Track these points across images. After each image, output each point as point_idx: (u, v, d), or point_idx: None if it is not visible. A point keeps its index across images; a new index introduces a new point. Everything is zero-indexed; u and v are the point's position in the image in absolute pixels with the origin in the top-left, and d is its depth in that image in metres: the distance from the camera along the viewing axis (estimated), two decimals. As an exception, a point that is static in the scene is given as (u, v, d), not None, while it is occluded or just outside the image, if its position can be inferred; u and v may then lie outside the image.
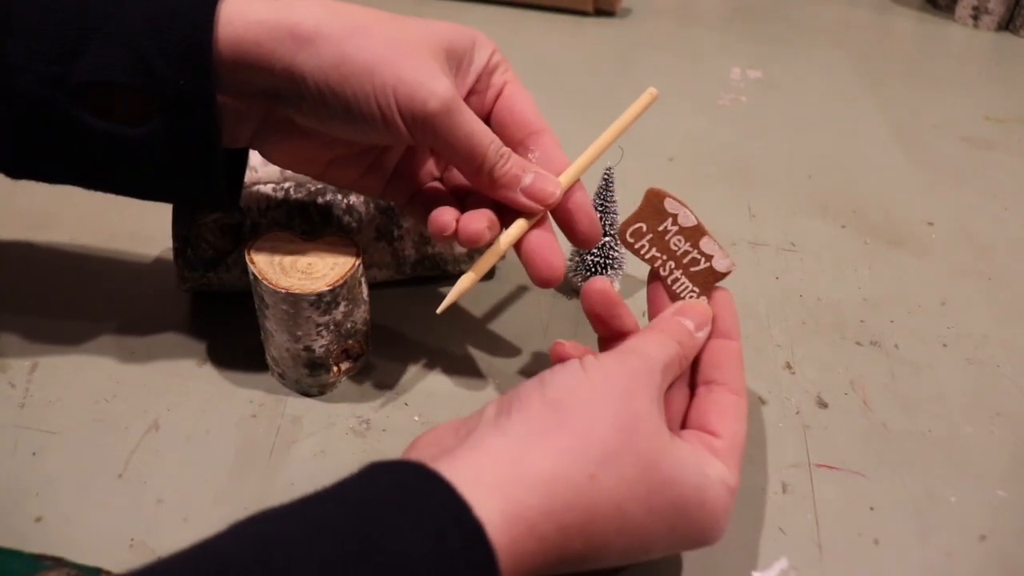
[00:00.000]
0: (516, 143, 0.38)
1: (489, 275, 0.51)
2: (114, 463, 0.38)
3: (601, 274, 0.48)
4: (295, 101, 0.34)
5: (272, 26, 0.32)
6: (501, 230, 0.37)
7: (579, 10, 0.95)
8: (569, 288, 0.50)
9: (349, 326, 0.41)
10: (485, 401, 0.42)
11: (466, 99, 0.37)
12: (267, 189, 0.46)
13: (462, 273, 0.50)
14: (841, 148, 0.70)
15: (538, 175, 0.36)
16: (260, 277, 0.38)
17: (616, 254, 0.48)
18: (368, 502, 0.25)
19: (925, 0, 1.07)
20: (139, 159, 0.34)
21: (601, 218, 0.47)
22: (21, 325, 0.45)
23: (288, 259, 0.39)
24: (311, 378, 0.41)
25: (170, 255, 0.47)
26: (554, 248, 0.37)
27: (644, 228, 0.36)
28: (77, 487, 0.37)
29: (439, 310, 0.37)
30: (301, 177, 0.55)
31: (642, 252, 0.37)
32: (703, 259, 0.35)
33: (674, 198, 0.36)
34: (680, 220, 0.36)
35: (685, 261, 0.35)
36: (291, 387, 0.42)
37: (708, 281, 0.36)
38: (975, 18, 0.99)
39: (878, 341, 0.48)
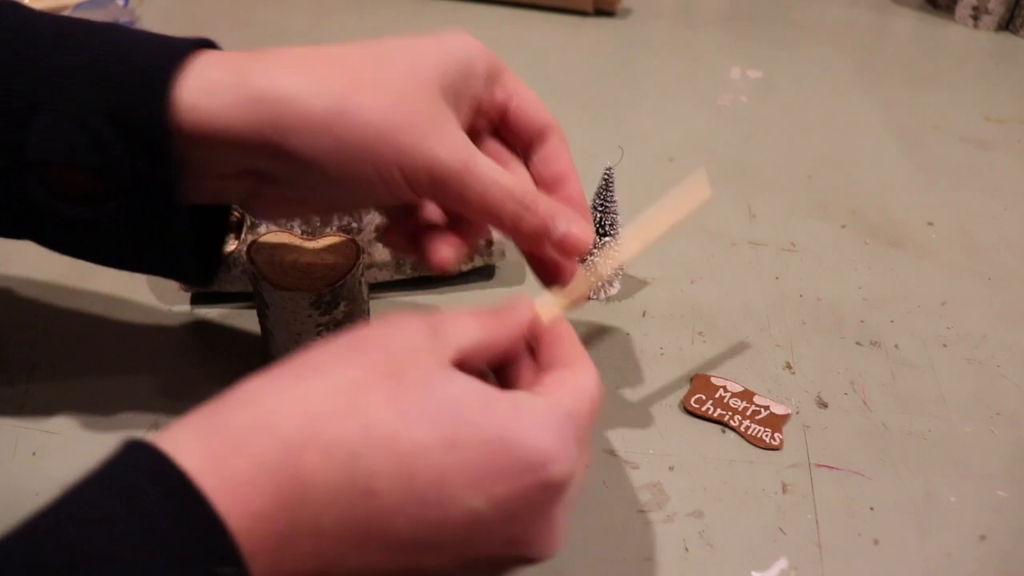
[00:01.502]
0: (526, 147, 0.36)
1: (489, 275, 0.51)
2: (114, 463, 0.38)
3: (601, 274, 0.48)
4: (288, 182, 0.31)
5: (245, 108, 0.28)
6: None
7: (579, 10, 0.95)
8: (569, 288, 0.50)
9: (349, 326, 0.41)
10: (485, 401, 0.42)
11: (473, 122, 0.34)
12: (267, 189, 0.46)
13: (462, 273, 0.50)
14: (841, 148, 0.70)
15: (569, 224, 0.32)
16: (260, 277, 0.38)
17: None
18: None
19: (925, 0, 1.08)
20: (98, 238, 0.32)
21: (601, 218, 0.47)
22: (21, 325, 0.45)
23: (288, 259, 0.39)
24: None
25: (170, 255, 0.47)
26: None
27: (704, 397, 0.43)
28: (77, 487, 0.37)
29: None
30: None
31: (709, 413, 0.42)
32: (763, 409, 0.42)
33: (716, 376, 0.44)
34: (729, 388, 0.43)
35: (749, 413, 0.42)
36: None
37: (776, 424, 0.42)
38: (975, 18, 0.99)
39: (878, 341, 0.48)
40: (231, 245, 0.45)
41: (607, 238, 0.47)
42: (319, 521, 0.22)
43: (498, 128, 0.36)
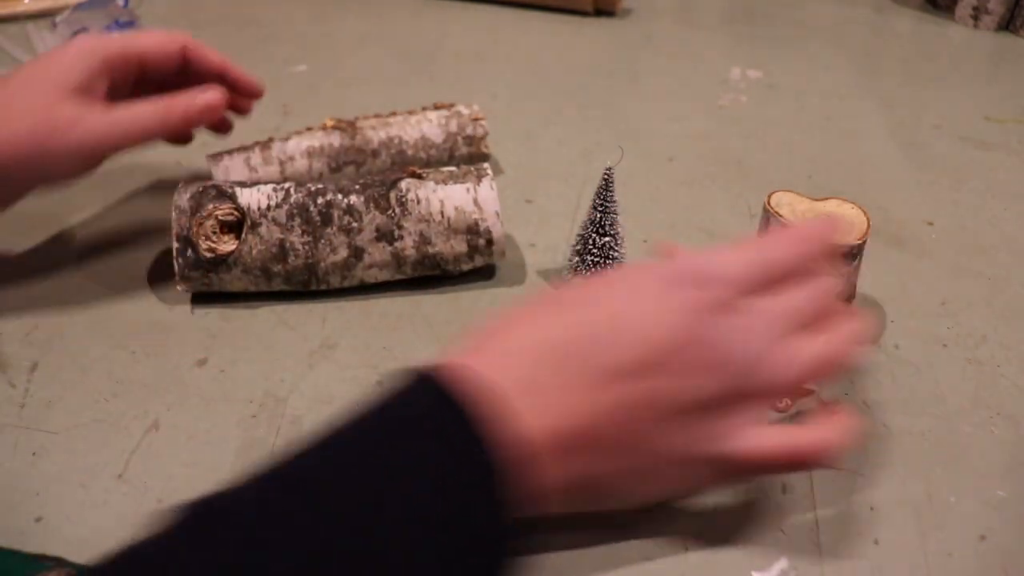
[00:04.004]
0: (183, 64, 0.49)
1: (489, 275, 0.51)
2: (114, 463, 0.38)
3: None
4: None
5: None
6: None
7: (579, 10, 0.95)
8: (569, 288, 0.50)
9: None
10: (485, 401, 0.42)
11: (122, 82, 0.47)
12: (267, 189, 0.46)
13: (462, 272, 0.50)
14: (841, 148, 0.70)
15: (200, 95, 0.46)
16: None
17: (616, 254, 0.48)
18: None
19: (925, 0, 1.08)
20: None
21: (601, 218, 0.47)
22: (21, 325, 0.45)
23: (810, 214, 0.45)
24: None
25: (170, 255, 0.47)
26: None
27: None
28: (77, 487, 0.37)
29: None
30: (301, 177, 0.55)
31: None
32: None
33: None
34: None
35: None
36: None
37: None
38: (975, 18, 0.99)
39: (878, 341, 0.48)
40: (231, 245, 0.45)
41: (607, 238, 0.47)
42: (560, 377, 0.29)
43: (145, 68, 0.48)
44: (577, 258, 0.49)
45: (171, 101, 0.45)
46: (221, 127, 0.52)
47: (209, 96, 0.47)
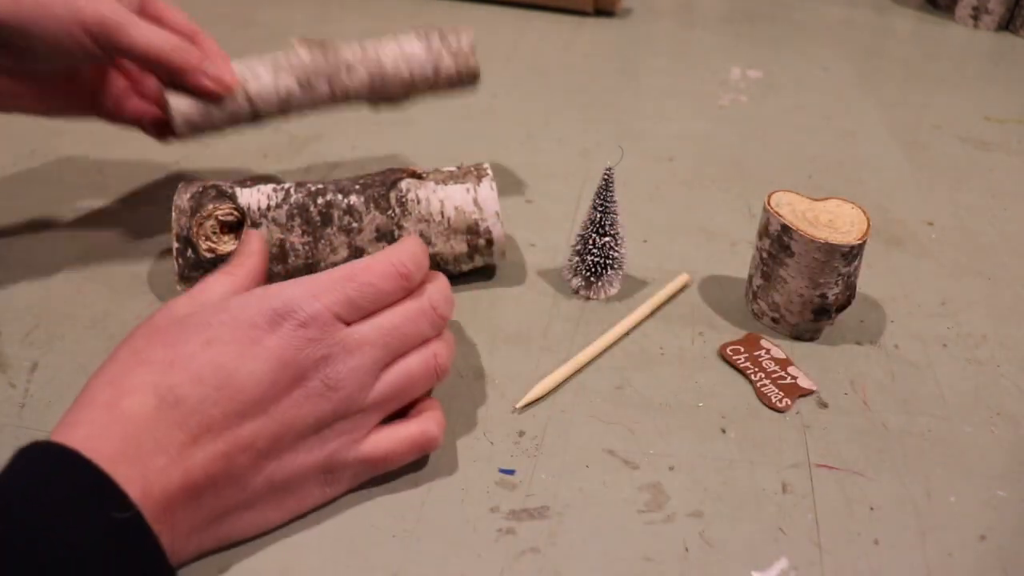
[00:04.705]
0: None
1: (489, 275, 0.51)
2: (114, 463, 0.38)
3: (601, 274, 0.48)
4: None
5: None
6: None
7: (579, 10, 0.95)
8: (569, 288, 0.50)
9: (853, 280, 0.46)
10: (484, 401, 0.42)
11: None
12: (267, 189, 0.46)
13: (462, 273, 0.50)
14: (841, 148, 0.70)
15: (217, 65, 0.45)
16: (793, 227, 0.44)
17: (616, 254, 0.48)
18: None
19: (925, 0, 1.08)
20: None
21: (601, 218, 0.47)
22: (21, 325, 0.45)
23: (810, 214, 0.45)
24: (812, 323, 0.46)
25: (170, 255, 0.47)
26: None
27: (741, 349, 0.46)
28: (77, 487, 0.37)
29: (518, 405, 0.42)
30: (301, 177, 0.55)
31: (738, 363, 0.45)
32: (790, 377, 0.44)
33: (768, 339, 0.47)
34: (772, 353, 0.46)
35: (775, 376, 0.44)
36: (785, 332, 0.47)
37: (792, 392, 0.43)
38: (975, 18, 0.99)
39: (878, 341, 0.48)
40: (231, 245, 0.45)
41: (607, 238, 0.47)
42: (158, 438, 0.29)
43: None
44: (577, 258, 0.49)
45: (190, 47, 0.44)
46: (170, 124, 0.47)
47: (228, 77, 0.45)
